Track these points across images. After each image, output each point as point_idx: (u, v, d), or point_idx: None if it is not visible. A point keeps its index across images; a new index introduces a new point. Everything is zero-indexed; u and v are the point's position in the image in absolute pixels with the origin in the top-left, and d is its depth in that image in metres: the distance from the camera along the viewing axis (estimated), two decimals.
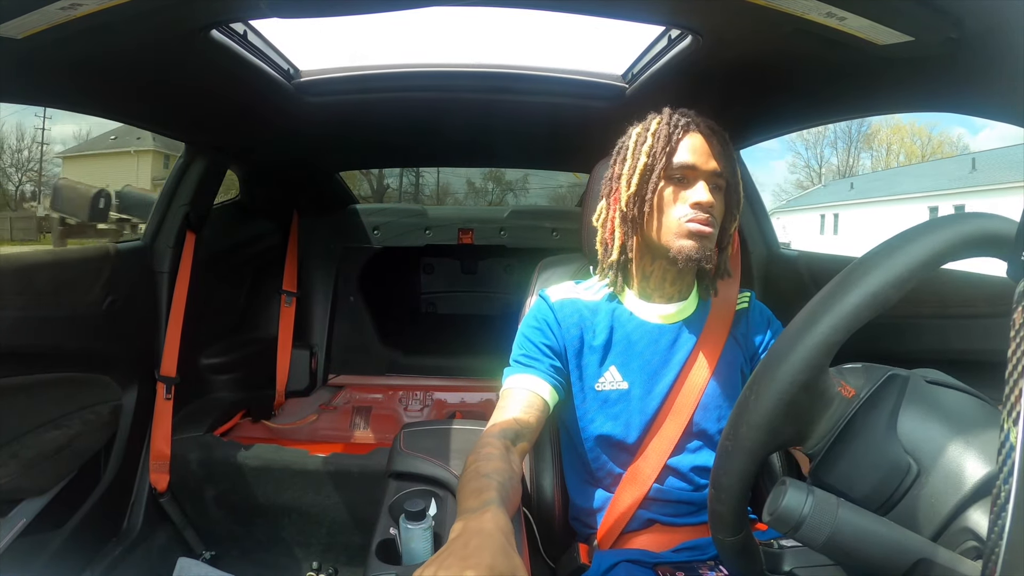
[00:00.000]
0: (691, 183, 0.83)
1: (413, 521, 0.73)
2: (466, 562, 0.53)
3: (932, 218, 0.48)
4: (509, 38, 1.27)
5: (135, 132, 19.90)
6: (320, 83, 1.31)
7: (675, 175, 0.84)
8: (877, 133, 26.70)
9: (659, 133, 0.84)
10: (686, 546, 0.85)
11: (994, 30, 0.64)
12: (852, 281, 0.47)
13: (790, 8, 0.73)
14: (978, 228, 0.46)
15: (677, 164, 0.83)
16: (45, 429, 1.25)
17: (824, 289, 0.49)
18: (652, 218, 0.84)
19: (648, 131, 0.85)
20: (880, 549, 0.44)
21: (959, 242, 0.46)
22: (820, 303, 0.48)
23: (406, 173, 5.21)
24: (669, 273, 0.89)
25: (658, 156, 0.83)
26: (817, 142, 27.24)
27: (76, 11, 0.76)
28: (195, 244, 1.64)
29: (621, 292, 0.92)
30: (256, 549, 1.65)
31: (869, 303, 0.46)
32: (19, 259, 1.23)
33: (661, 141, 0.83)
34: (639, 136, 0.86)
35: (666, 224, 0.84)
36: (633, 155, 0.85)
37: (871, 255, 0.48)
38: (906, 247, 0.46)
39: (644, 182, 0.83)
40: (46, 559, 1.28)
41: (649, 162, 0.83)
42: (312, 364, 2.22)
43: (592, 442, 0.90)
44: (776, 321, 0.95)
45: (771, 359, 0.49)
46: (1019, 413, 0.34)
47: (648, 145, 0.84)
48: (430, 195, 5.42)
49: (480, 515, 0.60)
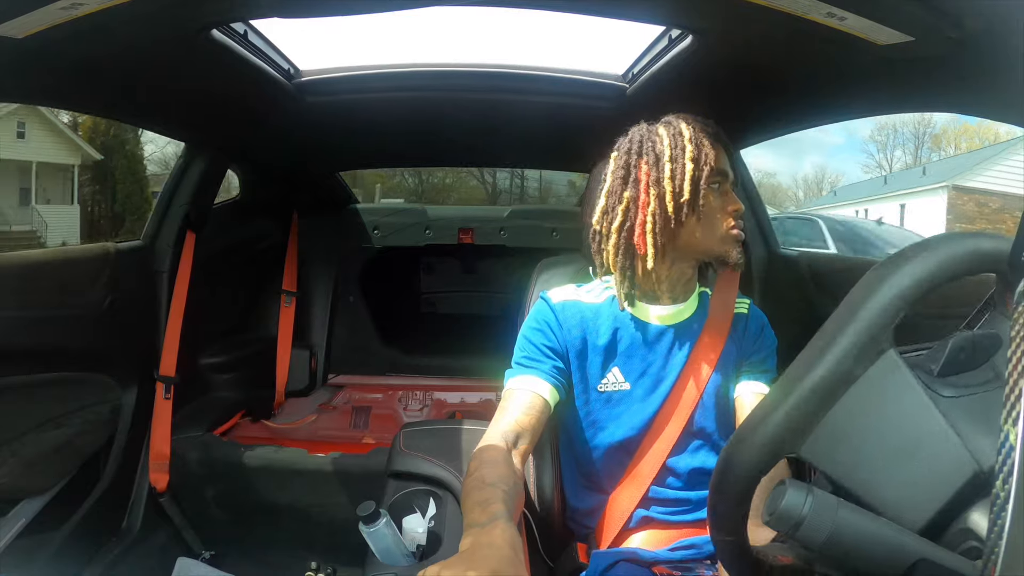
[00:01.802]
0: (723, 191, 0.86)
1: (368, 523, 0.74)
2: (470, 563, 0.55)
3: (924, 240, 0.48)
4: (509, 38, 1.27)
5: None
6: (320, 83, 1.31)
7: (713, 182, 0.85)
8: (944, 133, 26.73)
9: (698, 141, 0.84)
10: (683, 544, 0.86)
11: (994, 30, 0.64)
12: (807, 368, 0.46)
13: (790, 8, 0.73)
14: (975, 248, 0.46)
15: (717, 171, 0.85)
16: (45, 429, 1.25)
17: (803, 354, 0.48)
18: (696, 224, 0.85)
19: (684, 137, 0.84)
20: (880, 549, 0.44)
21: (954, 265, 0.46)
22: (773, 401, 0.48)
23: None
24: (684, 275, 0.90)
25: (702, 164, 0.83)
26: (887, 142, 27.00)
27: (77, 11, 0.76)
28: (195, 244, 1.64)
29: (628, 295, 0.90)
30: (256, 549, 1.65)
31: (828, 387, 0.46)
32: (19, 259, 1.23)
33: (706, 150, 0.84)
34: (674, 140, 0.85)
35: (713, 230, 0.85)
36: (673, 159, 0.83)
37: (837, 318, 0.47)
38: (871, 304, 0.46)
39: (696, 190, 0.83)
40: (46, 558, 1.27)
41: (697, 169, 0.83)
42: (312, 364, 2.22)
43: (593, 443, 0.90)
44: (769, 329, 0.95)
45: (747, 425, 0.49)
46: (1019, 413, 0.34)
47: (691, 152, 0.83)
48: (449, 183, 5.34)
49: (489, 530, 0.62)
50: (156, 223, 1.60)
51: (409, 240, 2.34)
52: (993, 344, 0.49)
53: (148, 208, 11.95)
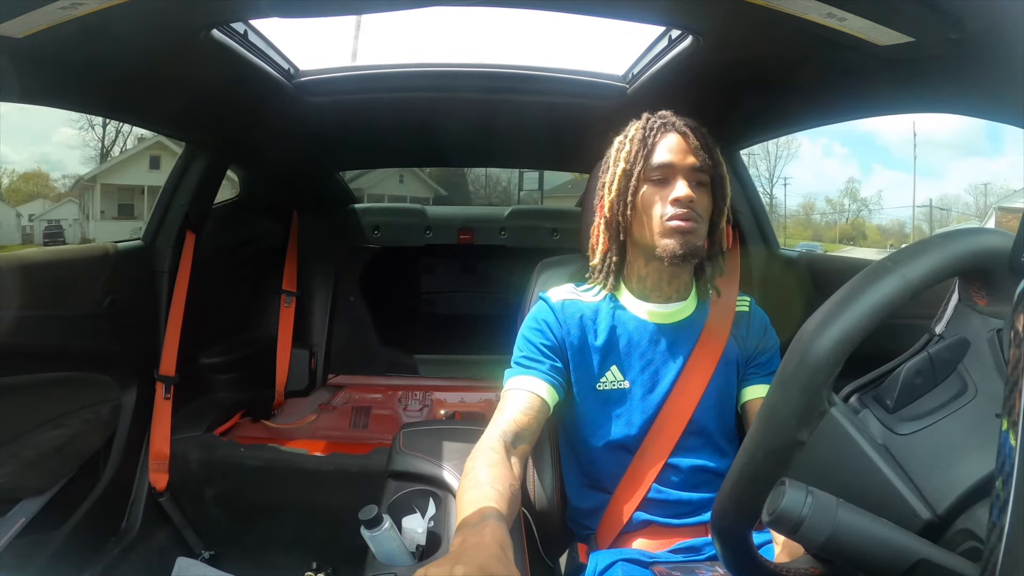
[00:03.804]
0: (671, 182, 0.84)
1: (371, 528, 0.73)
2: (457, 560, 0.56)
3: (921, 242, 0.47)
4: (510, 38, 1.27)
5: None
6: (320, 83, 1.31)
7: (654, 176, 0.85)
8: None
9: (635, 137, 0.86)
10: (683, 546, 0.85)
11: (994, 30, 0.64)
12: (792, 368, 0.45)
13: (790, 9, 0.73)
14: (981, 244, 0.45)
15: (655, 164, 0.85)
16: (45, 429, 1.25)
17: (785, 360, 0.47)
18: (637, 221, 0.86)
19: (627, 137, 0.88)
20: (880, 550, 0.44)
21: (955, 262, 0.45)
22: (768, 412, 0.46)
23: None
24: (665, 273, 0.89)
25: (636, 159, 0.85)
26: None
27: (77, 11, 0.76)
28: (195, 244, 1.63)
29: (617, 292, 0.92)
30: (255, 549, 1.65)
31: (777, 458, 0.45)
32: (19, 259, 1.23)
33: (636, 144, 0.85)
34: (620, 143, 0.89)
35: (649, 225, 0.85)
36: (614, 162, 0.88)
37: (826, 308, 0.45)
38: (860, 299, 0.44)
39: (625, 186, 0.85)
40: (45, 559, 1.27)
41: (628, 167, 0.85)
42: (312, 364, 2.22)
43: (593, 442, 0.90)
44: (772, 329, 0.95)
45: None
46: (1019, 413, 0.34)
47: (626, 151, 0.86)
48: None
49: (479, 530, 0.62)
50: (156, 223, 1.60)
51: (409, 240, 2.34)
52: (956, 352, 0.48)
53: None
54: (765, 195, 15.55)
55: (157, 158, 12.56)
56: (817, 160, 33.76)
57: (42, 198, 7.71)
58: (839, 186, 32.30)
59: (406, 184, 6.71)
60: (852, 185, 25.55)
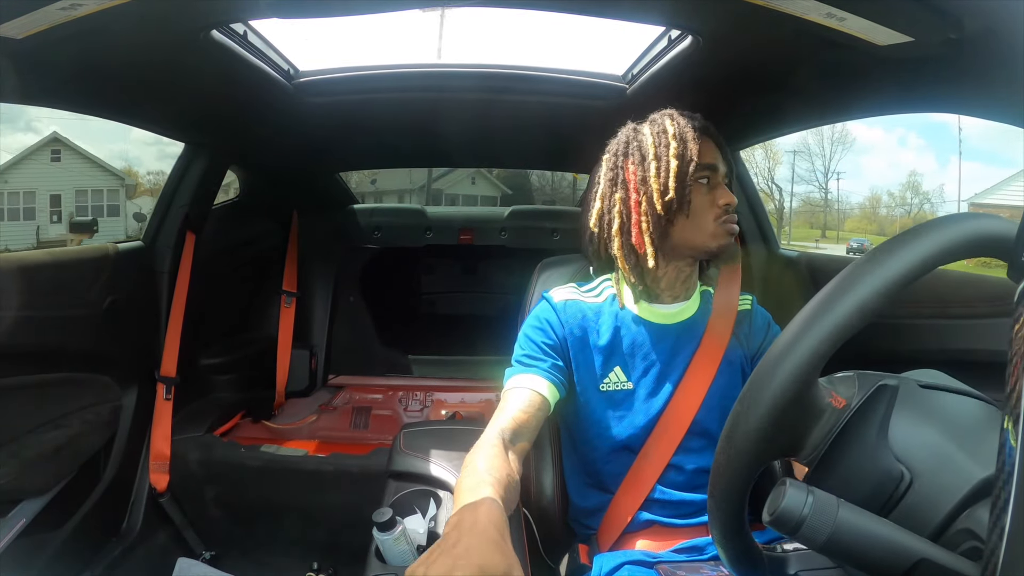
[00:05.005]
0: (712, 185, 0.86)
1: (383, 531, 0.73)
2: (455, 562, 0.52)
3: (930, 221, 0.48)
4: (509, 38, 1.27)
5: None
6: (320, 83, 1.31)
7: (701, 177, 0.85)
8: None
9: (682, 136, 0.83)
10: (686, 546, 0.85)
11: (994, 30, 0.64)
12: (841, 291, 0.46)
13: (790, 9, 0.73)
14: (975, 230, 0.46)
15: (703, 166, 0.84)
16: (45, 429, 1.25)
17: (814, 299, 0.49)
18: (685, 221, 0.84)
19: (668, 134, 0.84)
20: (880, 549, 0.44)
21: (953, 247, 0.45)
22: (808, 315, 0.48)
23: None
24: (683, 273, 0.90)
25: (687, 159, 0.82)
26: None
27: (76, 11, 0.76)
28: (195, 244, 1.64)
29: (620, 293, 0.92)
30: (256, 549, 1.65)
31: (858, 313, 0.45)
32: (19, 259, 1.23)
33: (689, 144, 0.83)
34: (658, 138, 0.84)
35: (702, 226, 0.85)
36: (657, 157, 0.83)
37: (862, 262, 0.47)
38: (899, 253, 0.46)
39: (682, 186, 0.82)
40: (46, 559, 1.27)
41: (682, 166, 0.82)
42: (312, 364, 2.22)
43: (596, 443, 0.90)
44: (775, 325, 0.95)
45: (760, 373, 0.49)
46: (1019, 413, 0.33)
47: (675, 149, 0.82)
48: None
49: (474, 508, 0.60)
50: (156, 224, 1.60)
51: (410, 241, 2.34)
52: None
53: None
54: (821, 191, 15.45)
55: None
56: (892, 150, 33.47)
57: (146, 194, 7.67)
58: (902, 179, 32.59)
59: (477, 185, 6.77)
60: (914, 178, 25.60)
